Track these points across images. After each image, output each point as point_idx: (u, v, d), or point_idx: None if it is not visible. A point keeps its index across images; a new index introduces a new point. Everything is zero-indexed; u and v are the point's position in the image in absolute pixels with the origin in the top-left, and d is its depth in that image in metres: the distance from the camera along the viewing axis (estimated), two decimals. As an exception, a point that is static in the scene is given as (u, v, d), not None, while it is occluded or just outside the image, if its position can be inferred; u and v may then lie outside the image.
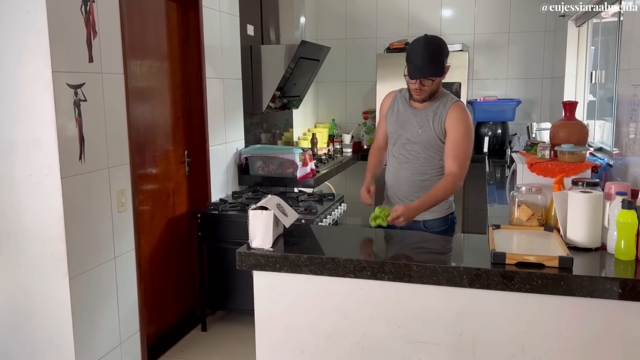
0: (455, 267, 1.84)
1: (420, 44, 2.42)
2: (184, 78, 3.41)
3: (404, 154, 2.56)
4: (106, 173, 2.55)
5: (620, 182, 2.05)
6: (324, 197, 3.63)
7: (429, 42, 2.42)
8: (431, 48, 2.40)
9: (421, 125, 2.50)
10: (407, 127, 2.55)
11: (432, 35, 2.48)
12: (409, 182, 2.56)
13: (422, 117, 2.50)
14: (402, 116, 2.57)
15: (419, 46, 2.41)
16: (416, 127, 2.51)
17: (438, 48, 2.42)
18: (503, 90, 5.25)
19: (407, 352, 1.93)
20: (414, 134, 2.52)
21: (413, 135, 2.52)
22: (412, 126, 2.53)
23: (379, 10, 5.47)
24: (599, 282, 1.72)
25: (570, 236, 1.99)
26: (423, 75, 2.40)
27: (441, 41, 2.47)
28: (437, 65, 2.41)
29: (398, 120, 2.58)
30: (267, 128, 4.44)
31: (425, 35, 2.46)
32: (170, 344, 3.25)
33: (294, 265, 1.98)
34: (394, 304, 1.93)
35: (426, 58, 2.38)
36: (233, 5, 3.78)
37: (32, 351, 2.45)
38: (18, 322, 2.44)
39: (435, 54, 2.40)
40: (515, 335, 1.83)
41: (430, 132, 2.48)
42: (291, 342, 2.04)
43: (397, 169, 2.60)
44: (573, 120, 2.52)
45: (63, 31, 2.27)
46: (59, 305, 2.36)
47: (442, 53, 2.44)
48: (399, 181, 2.59)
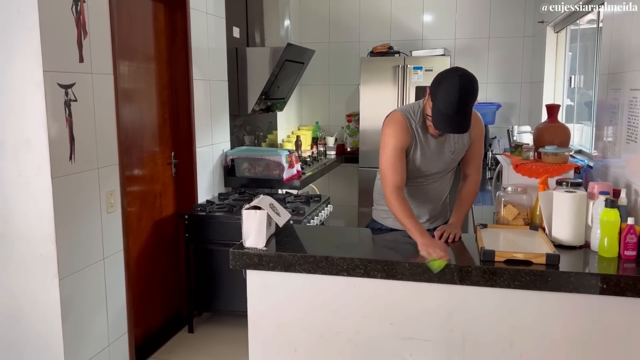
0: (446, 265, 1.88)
1: (454, 87, 2.00)
2: (171, 79, 3.41)
3: (433, 177, 2.35)
4: (96, 174, 2.55)
5: (602, 182, 2.13)
6: (310, 199, 3.66)
7: (467, 91, 2.02)
8: (469, 99, 2.03)
9: (453, 150, 2.29)
10: (438, 159, 2.29)
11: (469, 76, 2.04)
12: (435, 199, 2.41)
13: (452, 140, 2.27)
14: (431, 150, 2.27)
15: (453, 93, 2.00)
16: (448, 154, 2.29)
17: (473, 98, 2.06)
18: (483, 94, 5.34)
19: (398, 349, 1.98)
20: (447, 161, 2.31)
21: (445, 163, 2.31)
22: (444, 154, 2.29)
23: (362, 14, 5.53)
24: (584, 278, 1.78)
25: (555, 234, 2.06)
26: (459, 132, 2.10)
27: (476, 85, 2.07)
28: (469, 118, 2.08)
29: (425, 153, 2.26)
30: (250, 130, 4.46)
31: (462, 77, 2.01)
32: (158, 346, 3.24)
33: (287, 264, 2.01)
34: (385, 301, 1.97)
35: (462, 110, 2.03)
36: (219, 8, 3.80)
37: (21, 352, 2.42)
38: (7, 323, 2.41)
39: (471, 107, 2.07)
40: (504, 330, 1.89)
41: (462, 151, 2.33)
42: (284, 340, 2.07)
43: (422, 191, 2.37)
44: (556, 122, 2.60)
45: (54, 31, 2.26)
46: (49, 306, 2.35)
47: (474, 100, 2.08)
48: (422, 201, 2.39)
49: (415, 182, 2.33)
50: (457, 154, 2.30)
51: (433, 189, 2.37)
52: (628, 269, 1.82)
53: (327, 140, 5.34)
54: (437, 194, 2.40)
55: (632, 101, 2.10)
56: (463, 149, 2.32)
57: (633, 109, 2.10)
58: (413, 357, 1.96)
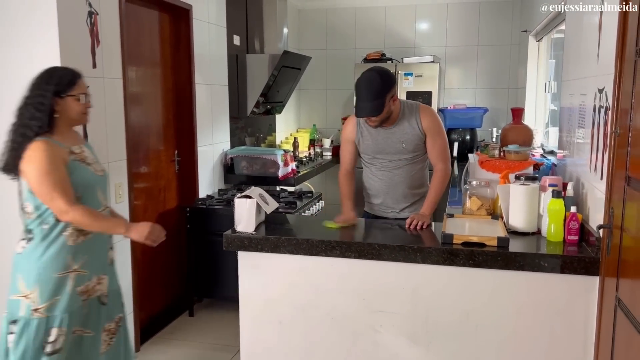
0: (410, 246, 2.16)
1: (362, 82, 2.51)
2: (175, 84, 3.71)
3: (394, 164, 2.69)
4: (106, 167, 2.83)
5: (553, 177, 2.39)
6: (303, 194, 3.94)
7: (370, 80, 2.49)
8: (371, 86, 2.47)
9: (403, 139, 2.64)
10: (388, 146, 2.66)
11: (375, 70, 2.53)
12: (404, 184, 2.71)
13: (399, 132, 2.64)
14: (378, 137, 2.66)
15: (362, 85, 2.50)
16: (398, 143, 2.64)
17: (378, 86, 2.47)
18: (472, 99, 5.62)
19: (370, 321, 2.25)
20: (398, 148, 2.65)
21: (398, 150, 2.65)
22: (394, 142, 2.65)
23: (358, 23, 5.82)
24: (528, 258, 2.05)
25: (511, 222, 2.33)
26: (365, 115, 2.54)
27: (383, 76, 2.50)
28: (378, 102, 2.47)
29: (375, 142, 2.67)
30: (251, 132, 4.75)
31: (368, 71, 2.54)
32: (160, 328, 3.52)
33: (273, 245, 2.29)
34: (359, 278, 2.24)
35: (367, 97, 2.48)
36: (221, 17, 4.10)
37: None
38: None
39: (375, 93, 2.47)
40: (461, 304, 2.16)
41: (413, 141, 2.66)
42: (270, 314, 2.35)
43: (390, 175, 2.71)
44: (520, 124, 2.87)
45: (71, 40, 2.56)
46: None
47: (383, 90, 2.47)
48: (393, 187, 2.72)
49: (378, 165, 2.72)
50: (408, 143, 2.64)
51: (397, 175, 2.69)
52: (570, 251, 2.08)
53: (324, 142, 5.62)
54: (402, 180, 2.70)
55: (582, 105, 2.37)
56: (415, 139, 2.65)
57: (582, 112, 2.36)
58: (383, 327, 2.23)
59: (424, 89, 5.06)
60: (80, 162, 2.08)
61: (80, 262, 2.08)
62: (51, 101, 2.00)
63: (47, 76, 2.03)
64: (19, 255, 2.05)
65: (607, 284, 1.88)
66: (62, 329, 2.04)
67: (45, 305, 2.01)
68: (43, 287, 2.01)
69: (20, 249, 2.05)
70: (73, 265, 2.06)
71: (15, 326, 2.01)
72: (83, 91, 2.09)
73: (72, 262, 2.05)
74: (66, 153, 2.03)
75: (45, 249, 2.02)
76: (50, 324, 2.02)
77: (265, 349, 2.36)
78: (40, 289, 2.01)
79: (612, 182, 1.84)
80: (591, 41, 2.22)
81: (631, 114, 1.67)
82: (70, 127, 2.13)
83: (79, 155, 2.09)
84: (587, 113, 2.23)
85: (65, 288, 2.04)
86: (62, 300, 2.04)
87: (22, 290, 2.02)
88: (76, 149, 2.09)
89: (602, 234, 1.91)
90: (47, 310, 2.01)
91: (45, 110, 1.99)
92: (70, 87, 2.04)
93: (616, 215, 1.76)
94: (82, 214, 1.99)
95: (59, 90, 2.01)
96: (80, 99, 2.07)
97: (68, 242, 2.04)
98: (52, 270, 2.02)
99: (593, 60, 2.18)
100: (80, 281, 2.09)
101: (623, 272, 1.70)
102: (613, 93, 1.84)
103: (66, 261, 2.04)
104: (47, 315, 2.01)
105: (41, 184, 1.95)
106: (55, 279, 2.02)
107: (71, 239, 2.05)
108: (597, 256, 1.97)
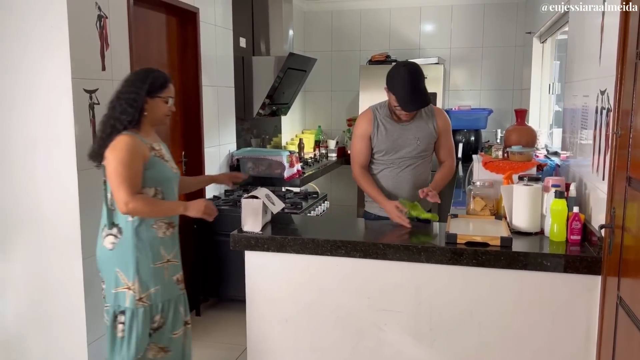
0: (415, 246, 2.19)
1: (405, 76, 2.54)
2: (182, 86, 3.75)
3: (405, 162, 2.73)
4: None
5: (556, 177, 2.42)
6: (308, 195, 3.97)
7: (413, 73, 2.55)
8: (418, 79, 2.56)
9: (418, 136, 2.71)
10: (402, 142, 2.71)
11: (412, 64, 2.62)
12: (410, 180, 2.75)
13: (415, 128, 2.72)
14: (393, 133, 2.71)
15: (406, 79, 2.53)
16: (413, 140, 2.71)
17: (421, 77, 2.58)
18: (477, 100, 5.65)
19: (374, 319, 2.28)
20: (412, 145, 2.71)
21: (411, 147, 2.71)
22: (409, 139, 2.70)
23: (363, 24, 5.85)
24: (531, 257, 2.08)
25: (515, 223, 2.35)
26: (419, 107, 2.62)
27: (419, 68, 2.62)
28: (427, 94, 2.60)
29: (390, 137, 2.71)
30: (257, 133, 4.79)
31: (408, 65, 2.60)
32: (167, 327, 3.56)
33: (279, 245, 2.32)
34: (363, 277, 2.27)
35: (419, 90, 2.56)
36: (227, 20, 4.14)
37: (48, 323, 2.76)
38: (37, 298, 2.75)
39: (423, 85, 2.58)
40: (465, 303, 2.18)
41: (427, 139, 2.74)
42: (276, 312, 2.38)
43: (398, 172, 2.74)
44: (523, 125, 2.89)
45: (81, 44, 2.60)
46: (73, 283, 2.68)
47: (424, 80, 2.60)
48: (399, 181, 2.75)
49: (390, 164, 2.75)
50: (422, 141, 2.71)
51: (406, 172, 2.74)
52: (573, 250, 2.10)
53: (329, 143, 5.66)
54: (410, 178, 2.75)
55: (584, 107, 2.39)
56: (428, 137, 2.73)
57: (585, 113, 2.39)
58: (387, 326, 2.26)
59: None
60: (159, 158, 2.26)
61: (172, 253, 2.31)
62: (143, 99, 2.18)
63: (143, 76, 2.21)
64: (111, 251, 2.22)
65: (609, 282, 1.90)
66: (163, 314, 2.27)
67: (146, 294, 2.21)
68: (143, 279, 2.21)
69: (110, 244, 2.22)
70: (166, 256, 2.28)
71: (123, 316, 2.21)
72: (171, 95, 2.27)
73: (165, 253, 2.27)
74: (147, 149, 2.20)
75: (139, 243, 2.20)
76: (154, 312, 2.24)
77: (272, 347, 2.39)
78: (140, 280, 2.20)
79: (613, 182, 1.87)
80: (593, 43, 2.25)
81: (632, 115, 1.69)
82: (153, 126, 2.31)
83: (159, 152, 2.27)
84: (590, 114, 2.25)
85: (163, 277, 2.26)
86: (161, 289, 2.25)
87: (125, 282, 2.20)
88: (156, 145, 2.28)
89: (604, 233, 1.93)
90: (148, 298, 2.22)
91: (137, 106, 2.17)
92: (161, 89, 2.23)
93: (617, 215, 1.79)
94: (143, 203, 2.14)
95: (151, 90, 2.20)
96: (167, 102, 2.26)
97: (158, 234, 2.25)
98: (148, 262, 2.21)
99: (595, 62, 2.20)
100: (174, 270, 2.33)
101: (624, 271, 1.73)
102: (614, 95, 1.87)
103: (160, 253, 2.25)
104: (150, 304, 2.23)
105: (115, 172, 2.11)
106: (152, 269, 2.23)
107: (160, 231, 2.26)
108: (599, 256, 1.99)
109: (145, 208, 2.15)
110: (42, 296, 2.75)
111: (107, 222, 2.23)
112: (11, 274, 2.76)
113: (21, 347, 2.81)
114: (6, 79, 2.61)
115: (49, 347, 2.78)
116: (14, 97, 2.61)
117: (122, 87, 2.21)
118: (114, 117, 2.16)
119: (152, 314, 2.24)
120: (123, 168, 2.10)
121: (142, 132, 2.22)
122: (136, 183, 2.14)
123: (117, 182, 2.10)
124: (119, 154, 2.11)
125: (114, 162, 2.11)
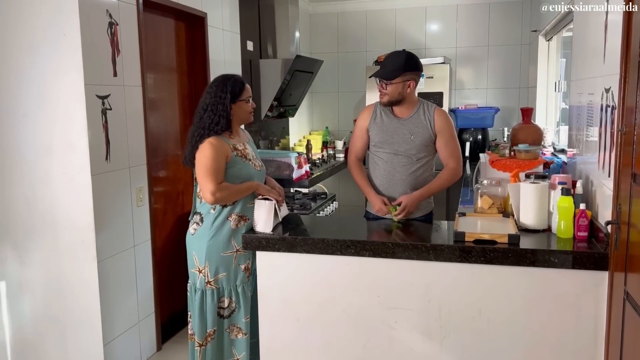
0: (424, 244, 2.22)
1: (390, 53, 2.77)
2: (191, 89, 3.80)
3: (399, 158, 2.74)
4: (127, 172, 2.94)
5: (563, 175, 2.44)
6: (317, 196, 4.01)
7: (397, 53, 2.72)
8: (392, 57, 2.71)
9: (413, 132, 2.73)
10: (396, 135, 2.73)
11: (406, 50, 2.74)
12: (404, 181, 2.74)
13: (411, 124, 2.74)
14: (389, 126, 2.75)
15: (389, 55, 2.76)
16: (407, 134, 2.72)
17: (398, 58, 2.66)
18: (483, 99, 5.66)
19: (385, 317, 2.31)
20: (406, 140, 2.72)
21: (405, 142, 2.72)
22: (403, 134, 2.72)
23: (368, 25, 5.88)
24: (539, 253, 2.10)
25: (522, 220, 2.38)
26: (376, 75, 2.71)
27: (410, 56, 2.68)
28: (393, 71, 2.64)
29: (385, 130, 2.75)
30: (265, 135, 4.84)
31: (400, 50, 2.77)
32: (180, 327, 3.61)
33: (290, 245, 2.36)
34: (373, 276, 2.30)
35: (386, 63, 2.69)
36: (234, 24, 4.19)
37: (65, 324, 2.82)
38: (53, 300, 2.82)
39: (392, 62, 2.67)
40: (473, 300, 2.21)
41: (422, 136, 2.73)
42: (288, 311, 2.42)
43: (391, 171, 2.75)
44: (530, 123, 2.92)
45: (93, 50, 2.66)
46: (89, 285, 2.74)
47: (401, 63, 2.64)
48: (394, 181, 2.76)
49: (382, 155, 2.78)
50: (416, 136, 2.72)
51: (399, 171, 2.75)
52: (580, 247, 2.12)
53: (336, 144, 5.69)
54: (404, 177, 2.75)
55: (589, 104, 2.41)
56: (423, 134, 2.72)
57: (590, 111, 2.41)
58: (398, 324, 2.29)
59: (435, 89, 5.11)
60: (241, 157, 2.50)
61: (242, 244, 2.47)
62: (229, 107, 2.45)
63: (222, 85, 2.47)
64: (192, 236, 2.52)
65: (616, 278, 1.92)
66: (232, 298, 2.53)
67: (214, 278, 2.50)
68: (212, 264, 2.48)
69: (193, 230, 2.52)
70: (236, 246, 2.50)
71: (196, 294, 2.52)
72: (249, 95, 2.55)
73: (235, 244, 2.50)
74: (230, 149, 2.45)
75: (215, 232, 2.47)
76: (221, 294, 2.52)
77: (284, 346, 2.43)
78: (210, 266, 2.49)
79: (619, 179, 1.89)
80: (598, 41, 2.27)
81: (636, 112, 1.72)
82: (239, 126, 2.59)
83: (242, 151, 2.52)
84: (595, 112, 2.28)
85: (230, 265, 2.51)
86: (228, 275, 2.51)
87: (197, 265, 2.51)
88: (239, 145, 2.53)
89: (610, 230, 1.96)
90: (216, 282, 2.51)
91: (225, 115, 2.44)
92: (240, 93, 2.50)
93: (623, 211, 1.81)
94: (226, 189, 2.40)
95: (233, 96, 2.46)
96: (248, 101, 2.54)
97: (232, 225, 2.48)
98: (218, 250, 2.48)
99: (600, 60, 2.23)
100: (242, 259, 2.54)
101: (631, 267, 1.75)
102: (619, 92, 1.89)
103: (230, 242, 2.49)
104: (217, 287, 2.51)
105: (202, 167, 2.38)
106: (222, 257, 2.49)
107: (234, 223, 2.49)
108: (605, 252, 2.02)
109: (229, 191, 2.41)
110: (58, 298, 2.80)
111: (194, 212, 2.54)
112: (28, 276, 2.82)
113: (38, 348, 2.87)
114: (20, 85, 2.68)
115: (66, 348, 2.84)
116: (28, 103, 2.67)
117: (207, 99, 2.46)
118: (206, 127, 2.41)
119: (219, 296, 2.51)
120: (209, 162, 2.37)
121: (232, 133, 2.51)
122: (221, 176, 2.40)
123: (204, 175, 2.37)
124: (206, 152, 2.38)
125: (202, 159, 2.38)
